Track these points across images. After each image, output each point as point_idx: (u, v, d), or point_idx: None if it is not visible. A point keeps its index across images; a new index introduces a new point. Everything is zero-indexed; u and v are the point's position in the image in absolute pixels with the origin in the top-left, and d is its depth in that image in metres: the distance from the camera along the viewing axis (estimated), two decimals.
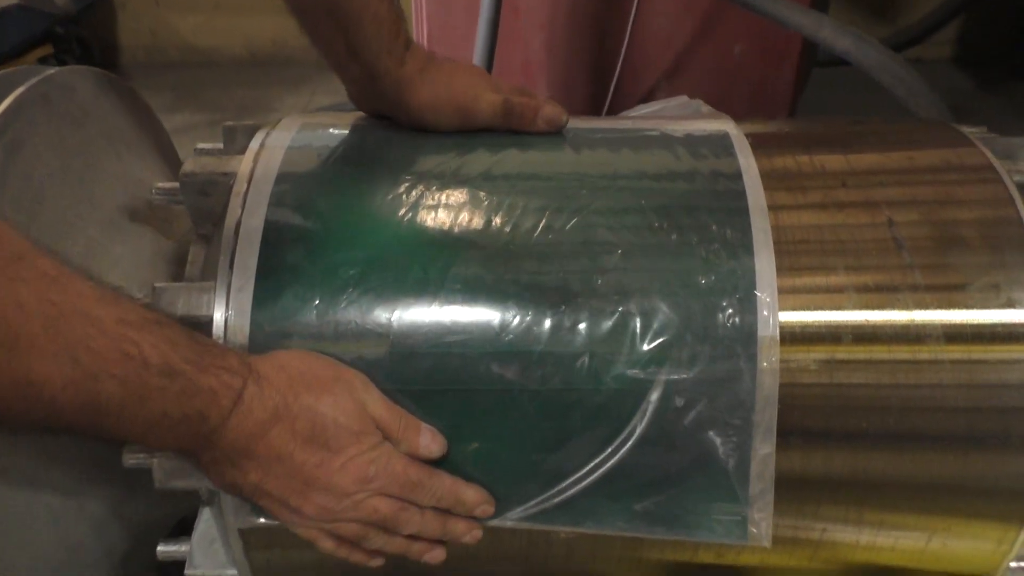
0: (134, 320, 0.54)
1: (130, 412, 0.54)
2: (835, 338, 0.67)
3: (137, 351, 0.53)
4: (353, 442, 0.62)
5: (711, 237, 0.68)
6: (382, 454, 0.63)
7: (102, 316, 0.52)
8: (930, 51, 2.60)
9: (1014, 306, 0.67)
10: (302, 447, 0.61)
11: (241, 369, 0.59)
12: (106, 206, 0.80)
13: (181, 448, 0.60)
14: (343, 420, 0.62)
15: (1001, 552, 0.73)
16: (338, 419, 0.62)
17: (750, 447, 0.66)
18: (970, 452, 0.68)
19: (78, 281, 0.53)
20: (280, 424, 0.60)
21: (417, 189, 0.72)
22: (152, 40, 2.91)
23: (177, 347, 0.56)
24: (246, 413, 0.59)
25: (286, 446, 0.60)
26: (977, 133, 0.80)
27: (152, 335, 0.55)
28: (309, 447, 0.61)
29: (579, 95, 1.65)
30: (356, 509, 0.63)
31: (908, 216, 0.70)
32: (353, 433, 0.62)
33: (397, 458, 0.64)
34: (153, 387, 0.54)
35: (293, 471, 0.61)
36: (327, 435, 0.61)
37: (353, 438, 0.62)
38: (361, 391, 0.64)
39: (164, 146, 0.96)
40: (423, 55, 0.78)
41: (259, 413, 0.59)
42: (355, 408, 0.63)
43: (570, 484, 0.68)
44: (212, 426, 0.58)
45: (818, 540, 0.72)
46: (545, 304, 0.66)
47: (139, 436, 0.57)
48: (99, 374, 0.52)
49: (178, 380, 0.55)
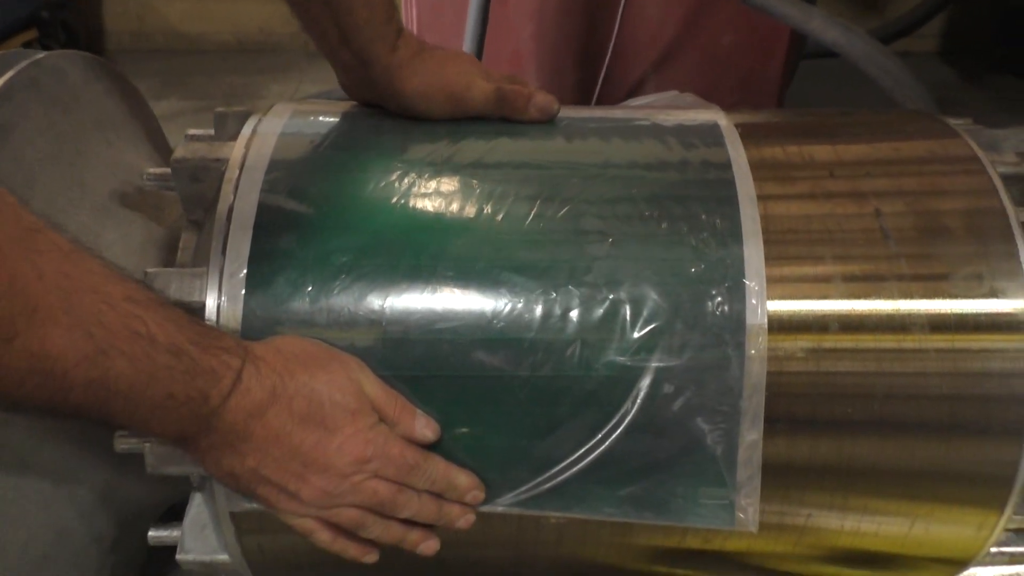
0: (141, 299, 0.55)
1: (138, 392, 0.54)
2: (822, 326, 0.68)
3: (145, 329, 0.54)
4: (349, 421, 0.62)
5: (701, 226, 0.69)
6: (379, 435, 0.63)
7: (112, 292, 0.53)
8: (916, 44, 2.61)
9: (996, 295, 0.68)
10: (299, 426, 0.61)
11: (238, 350, 0.60)
12: (97, 191, 0.80)
13: (182, 433, 0.59)
14: (339, 398, 0.62)
15: (982, 537, 0.74)
16: (334, 396, 0.62)
17: (738, 434, 0.67)
18: (952, 439, 0.69)
19: (88, 258, 0.53)
20: (277, 404, 0.60)
21: (409, 176, 0.72)
22: (138, 26, 2.88)
23: (181, 327, 0.56)
24: (244, 393, 0.59)
25: (284, 426, 0.60)
26: (963, 125, 0.81)
27: (157, 314, 0.55)
28: (306, 426, 0.61)
29: (568, 84, 1.65)
30: (354, 492, 0.63)
31: (894, 206, 0.71)
32: (349, 412, 0.62)
33: (393, 440, 0.64)
34: (160, 365, 0.54)
35: (291, 452, 0.61)
36: (323, 413, 0.61)
37: (349, 417, 0.62)
38: (357, 371, 0.64)
39: (154, 132, 0.96)
40: (415, 43, 0.78)
41: (257, 393, 0.59)
42: (351, 387, 0.63)
43: (560, 470, 0.68)
44: (212, 407, 0.58)
45: (803, 526, 0.73)
46: (536, 292, 0.67)
47: (143, 420, 0.57)
48: (110, 350, 0.52)
49: (183, 359, 0.55)
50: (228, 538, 0.73)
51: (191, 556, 0.74)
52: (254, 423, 0.60)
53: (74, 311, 0.50)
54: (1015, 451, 0.69)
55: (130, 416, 0.56)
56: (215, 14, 2.87)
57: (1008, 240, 0.70)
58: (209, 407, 0.58)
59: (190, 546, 0.74)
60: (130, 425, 0.58)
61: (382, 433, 0.64)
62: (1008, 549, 0.77)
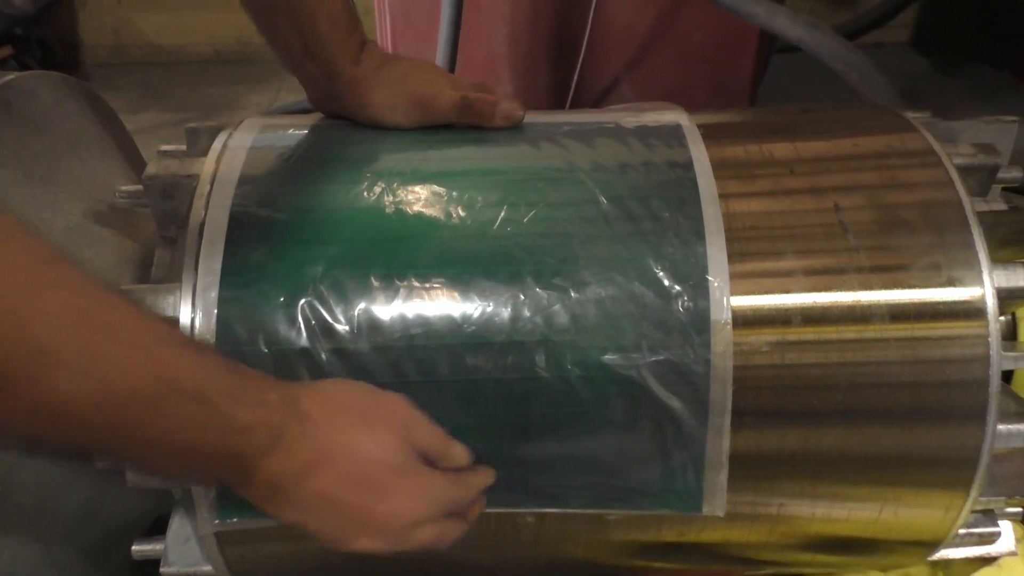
0: (173, 341, 0.52)
1: (155, 440, 0.51)
2: (785, 320, 0.70)
3: (171, 374, 0.50)
4: (398, 482, 0.60)
5: (665, 226, 0.70)
6: (426, 488, 0.62)
7: (136, 332, 0.49)
8: (889, 35, 2.64)
9: (954, 284, 0.70)
10: (349, 491, 0.59)
11: (281, 406, 0.57)
12: (70, 211, 0.81)
13: (217, 482, 0.57)
14: (387, 457, 0.60)
15: (950, 519, 0.76)
16: (382, 457, 0.60)
17: (706, 427, 0.68)
18: (916, 425, 0.71)
19: (113, 295, 0.50)
20: (324, 466, 0.58)
21: (379, 186, 0.73)
22: (115, 39, 2.88)
23: (214, 376, 0.53)
24: (287, 453, 0.56)
25: (331, 490, 0.58)
26: (920, 118, 0.83)
27: (189, 358, 0.52)
28: (356, 491, 0.59)
29: (542, 85, 1.66)
30: (403, 544, 0.62)
31: (853, 201, 0.73)
32: (397, 472, 0.60)
33: (439, 485, 0.62)
34: (182, 414, 0.51)
35: (341, 516, 0.59)
36: (372, 476, 0.59)
37: (396, 476, 0.60)
38: (404, 416, 0.63)
39: (128, 149, 0.96)
40: (379, 54, 0.79)
41: (302, 454, 0.57)
42: (395, 443, 0.61)
43: (535, 468, 0.70)
44: (247, 464, 0.55)
45: (776, 515, 0.75)
46: (505, 295, 0.68)
47: (166, 468, 0.54)
48: (127, 395, 0.48)
49: (210, 410, 0.52)
50: (211, 551, 0.74)
51: (175, 569, 0.75)
52: (299, 484, 0.57)
53: (85, 351, 0.46)
54: (977, 434, 0.71)
55: (153, 463, 0.54)
56: (192, 26, 2.87)
57: (964, 230, 0.72)
58: (243, 463, 0.55)
59: (174, 559, 0.75)
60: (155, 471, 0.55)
61: (427, 484, 0.62)
62: (976, 530, 0.79)
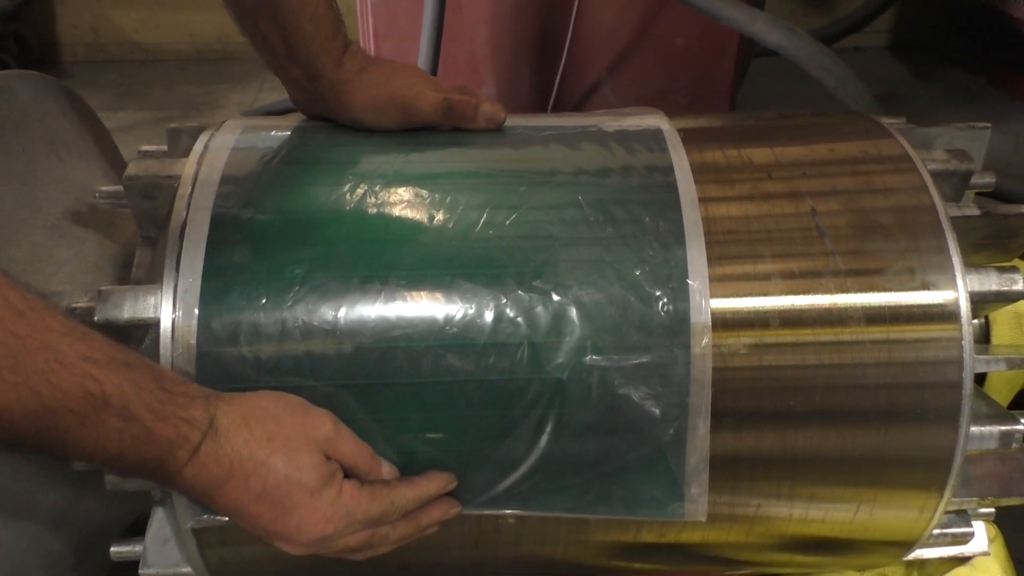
0: (100, 359, 0.56)
1: (87, 448, 0.56)
2: (763, 323, 0.70)
3: (99, 390, 0.55)
4: (307, 500, 0.62)
5: (645, 230, 0.71)
6: (339, 507, 0.63)
7: (67, 352, 0.54)
8: (867, 39, 2.67)
9: (928, 288, 0.71)
10: (255, 503, 0.62)
11: (202, 422, 0.60)
12: (49, 210, 0.80)
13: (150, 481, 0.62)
14: (297, 476, 0.62)
15: (924, 519, 0.77)
16: (292, 475, 0.62)
17: (686, 428, 0.69)
18: (891, 426, 0.72)
19: (47, 315, 0.54)
20: (233, 480, 0.61)
21: (361, 187, 0.74)
22: (93, 37, 2.85)
23: (141, 392, 0.57)
24: (200, 467, 0.60)
25: (240, 501, 0.62)
26: (896, 124, 0.84)
27: (117, 376, 0.56)
28: (262, 504, 0.62)
29: (525, 87, 1.67)
30: (328, 549, 0.65)
31: (830, 205, 0.74)
32: (308, 490, 0.62)
33: (356, 502, 0.64)
34: (110, 428, 0.56)
35: (253, 524, 0.63)
36: (279, 493, 0.62)
37: (307, 495, 0.62)
38: (329, 432, 0.65)
39: (107, 148, 0.96)
40: (362, 57, 0.79)
41: (214, 469, 0.60)
42: (311, 460, 0.63)
43: (516, 469, 0.70)
44: (169, 473, 0.60)
45: (754, 516, 0.76)
46: (487, 297, 0.69)
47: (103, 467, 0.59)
48: (58, 408, 0.53)
49: (135, 425, 0.57)
50: (191, 552, 0.73)
51: (154, 570, 0.75)
52: (214, 493, 0.61)
53: (21, 369, 0.52)
54: (951, 435, 0.72)
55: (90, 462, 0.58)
56: (171, 24, 2.85)
57: (938, 235, 0.73)
58: (166, 472, 0.60)
59: (153, 560, 0.75)
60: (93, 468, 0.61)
61: (343, 503, 0.64)
62: (950, 530, 0.81)
